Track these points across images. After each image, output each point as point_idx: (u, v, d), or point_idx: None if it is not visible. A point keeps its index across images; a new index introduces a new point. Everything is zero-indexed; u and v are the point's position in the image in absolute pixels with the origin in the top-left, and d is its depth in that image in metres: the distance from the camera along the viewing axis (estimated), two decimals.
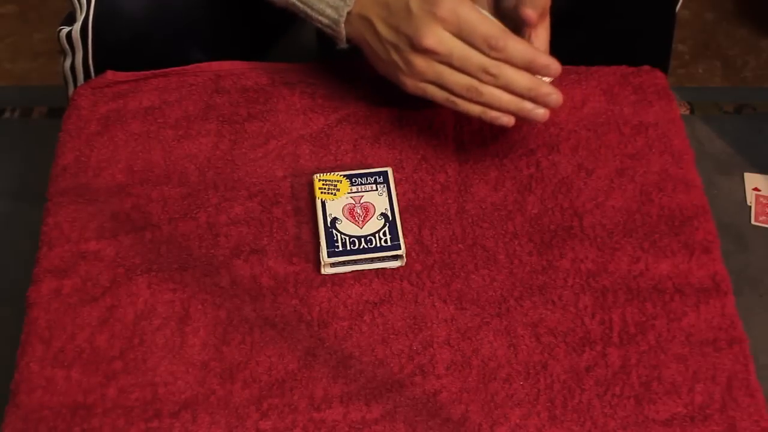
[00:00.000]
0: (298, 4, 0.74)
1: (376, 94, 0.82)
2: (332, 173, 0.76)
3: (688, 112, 1.57)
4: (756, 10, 1.72)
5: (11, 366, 0.67)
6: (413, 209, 0.76)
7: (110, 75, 0.84)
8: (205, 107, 0.82)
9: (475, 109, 0.71)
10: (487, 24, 0.68)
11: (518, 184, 0.78)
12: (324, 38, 0.77)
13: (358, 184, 0.76)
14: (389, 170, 0.76)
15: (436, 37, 0.67)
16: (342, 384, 0.66)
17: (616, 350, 0.68)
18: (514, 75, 0.69)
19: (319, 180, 0.76)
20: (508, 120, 0.71)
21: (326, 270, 0.72)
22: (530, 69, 0.69)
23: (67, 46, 0.87)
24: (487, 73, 0.68)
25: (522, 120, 0.72)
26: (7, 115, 1.52)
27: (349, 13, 0.72)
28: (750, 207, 1.45)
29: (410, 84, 0.71)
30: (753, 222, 1.44)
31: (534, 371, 0.67)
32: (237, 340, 0.68)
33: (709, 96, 1.61)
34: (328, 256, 0.71)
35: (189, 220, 0.75)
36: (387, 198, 0.75)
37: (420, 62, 0.69)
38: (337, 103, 0.82)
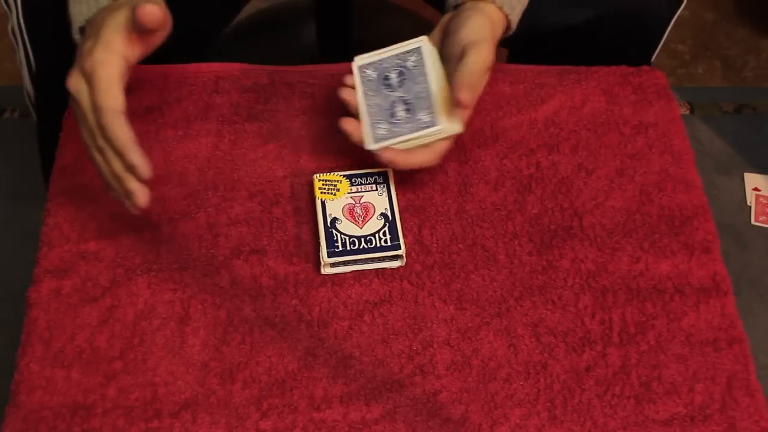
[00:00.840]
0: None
1: None
2: (332, 173, 0.76)
3: (688, 112, 1.57)
4: (756, 10, 1.72)
5: (11, 366, 0.67)
6: (413, 209, 0.76)
7: None
8: (205, 107, 0.82)
9: (96, 159, 0.68)
10: (109, 96, 0.65)
11: (518, 184, 0.78)
12: (324, 39, 0.76)
13: (358, 184, 0.76)
14: (389, 170, 0.76)
15: (74, 82, 0.66)
16: (342, 384, 0.66)
17: (616, 350, 0.68)
18: (113, 156, 0.66)
19: (319, 180, 0.76)
20: (114, 195, 0.68)
21: (326, 270, 0.72)
22: (123, 160, 0.66)
23: (5, 6, 0.86)
24: (93, 140, 0.67)
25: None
26: (7, 115, 1.52)
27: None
28: (750, 207, 1.45)
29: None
30: (753, 222, 1.44)
31: (534, 371, 0.67)
32: (237, 340, 0.68)
33: (709, 96, 1.61)
34: (328, 256, 0.71)
35: (189, 220, 0.75)
36: (387, 198, 0.75)
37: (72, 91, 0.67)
38: (337, 104, 0.82)
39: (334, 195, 0.75)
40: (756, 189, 1.47)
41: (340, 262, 0.72)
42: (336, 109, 0.82)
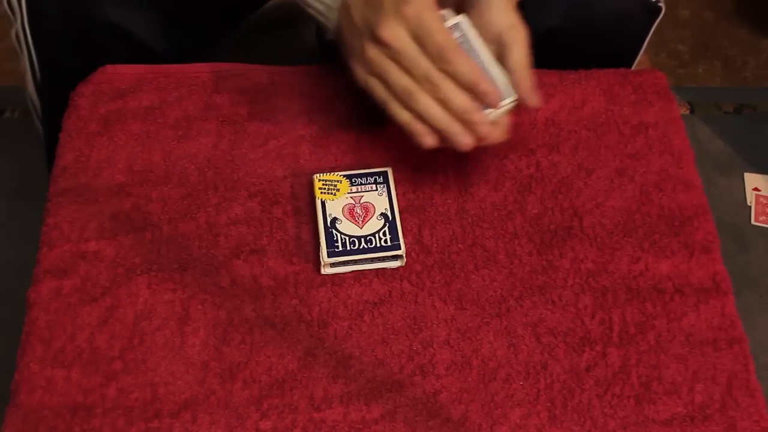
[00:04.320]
0: None
1: None
2: (332, 173, 0.76)
3: (688, 112, 1.57)
4: (756, 10, 1.72)
5: (11, 366, 0.67)
6: (413, 209, 0.76)
7: (109, 69, 0.84)
8: (205, 107, 0.82)
9: (404, 116, 0.69)
10: (443, 35, 0.67)
11: (518, 184, 0.78)
12: (324, 38, 0.76)
13: (358, 184, 0.76)
14: (389, 170, 0.76)
15: (394, 32, 0.67)
16: (342, 384, 0.66)
17: (616, 350, 0.68)
18: (454, 91, 0.68)
19: (319, 180, 0.76)
20: (430, 140, 0.69)
21: (326, 270, 0.72)
22: (471, 91, 0.68)
23: (9, 12, 0.86)
24: (429, 81, 0.67)
25: (446, 143, 0.69)
26: (7, 115, 1.52)
27: (343, 1, 0.71)
28: (750, 207, 1.45)
29: (360, 74, 0.70)
30: (753, 222, 1.44)
31: (534, 371, 0.67)
32: (237, 340, 0.68)
33: (709, 96, 1.61)
34: (328, 256, 0.71)
35: (189, 220, 0.75)
36: (387, 198, 0.75)
37: (372, 52, 0.68)
38: (337, 104, 0.82)
39: (334, 195, 0.75)
40: (756, 189, 1.47)
41: (340, 262, 0.72)
42: (336, 109, 0.82)
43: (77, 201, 0.75)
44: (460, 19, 0.73)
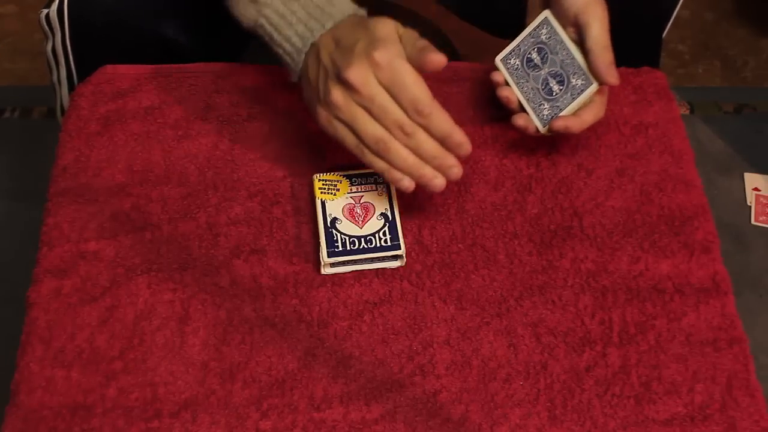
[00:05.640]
0: (266, 25, 0.73)
1: None
2: (332, 173, 0.76)
3: (688, 112, 1.57)
4: (756, 10, 1.72)
5: (11, 366, 0.67)
6: (413, 209, 0.76)
7: (109, 69, 0.84)
8: (205, 107, 0.82)
9: (380, 164, 0.68)
10: (419, 87, 0.66)
11: (518, 184, 0.78)
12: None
13: (358, 184, 0.76)
14: None
15: (363, 77, 0.66)
16: (342, 384, 0.66)
17: (616, 350, 0.68)
18: (426, 139, 0.67)
19: (319, 180, 0.76)
20: (408, 184, 0.68)
21: (326, 270, 0.72)
22: (444, 143, 0.68)
23: (47, 28, 0.87)
24: (402, 130, 0.66)
25: (421, 186, 0.69)
26: (7, 115, 1.52)
27: (312, 44, 0.71)
28: (750, 207, 1.45)
29: (323, 116, 0.69)
30: (753, 222, 1.44)
31: (534, 371, 0.67)
32: (237, 340, 0.68)
33: (709, 96, 1.61)
34: (328, 256, 0.71)
35: (189, 220, 0.75)
36: (387, 198, 0.75)
37: (338, 94, 0.67)
38: None
39: (334, 195, 0.75)
40: (756, 189, 1.47)
41: (340, 262, 0.72)
42: None
43: (77, 201, 0.75)
44: (546, 14, 0.76)
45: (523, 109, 0.77)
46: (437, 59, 0.66)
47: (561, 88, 0.75)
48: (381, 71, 0.65)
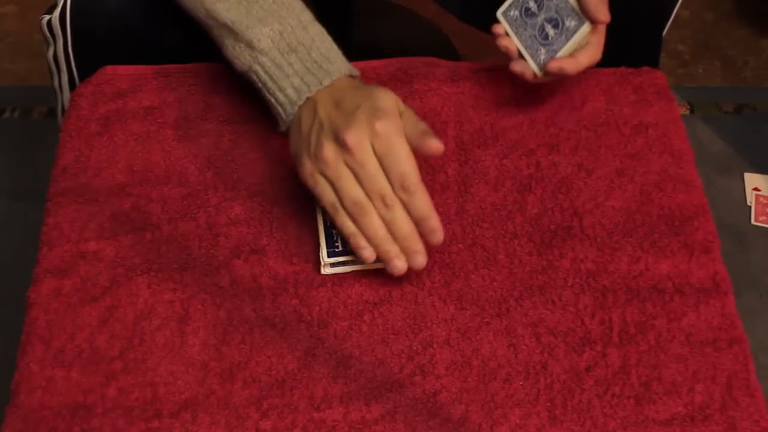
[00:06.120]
0: (261, 72, 0.73)
1: None
2: None
3: (688, 112, 1.57)
4: (756, 10, 1.72)
5: (11, 366, 0.67)
6: None
7: (109, 70, 0.84)
8: (205, 107, 0.82)
9: (349, 227, 0.69)
10: (410, 164, 0.67)
11: (518, 184, 0.78)
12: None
13: None
14: None
15: (360, 141, 0.66)
16: (342, 384, 0.66)
17: (616, 350, 0.68)
18: (403, 217, 0.68)
19: None
20: (369, 255, 0.69)
21: (326, 270, 0.72)
22: (420, 225, 0.68)
23: (48, 35, 0.87)
24: (383, 201, 0.67)
25: (381, 261, 0.69)
26: (7, 115, 1.52)
27: (308, 98, 0.72)
28: (750, 207, 1.45)
29: (308, 168, 0.69)
30: (753, 222, 1.44)
31: (534, 371, 0.67)
32: (237, 340, 0.68)
33: (709, 96, 1.61)
34: (328, 256, 0.71)
35: (189, 220, 0.75)
36: None
37: (330, 151, 0.67)
38: None
39: None
40: (756, 189, 1.47)
41: (339, 261, 0.72)
42: None
43: (77, 201, 0.75)
44: None
45: (522, 58, 0.79)
46: (436, 146, 0.68)
47: (556, 31, 0.77)
48: (378, 140, 0.67)
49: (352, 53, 0.76)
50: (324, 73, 0.71)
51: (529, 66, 0.79)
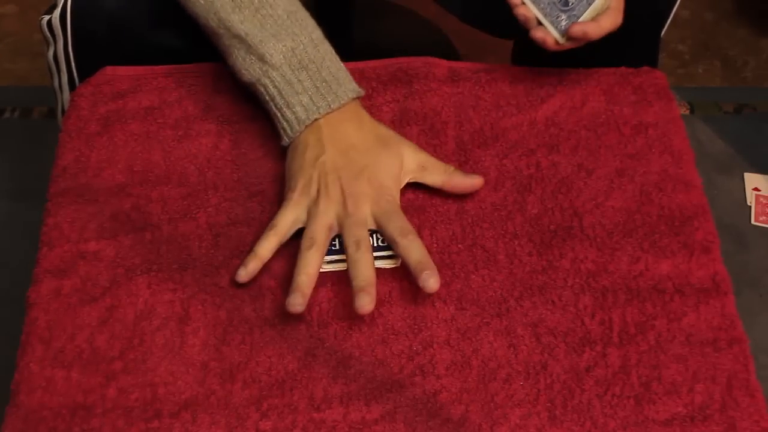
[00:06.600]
0: (270, 86, 0.74)
1: (375, 95, 0.82)
2: None
3: (688, 112, 1.57)
4: (756, 10, 1.72)
5: (11, 366, 0.67)
6: (413, 209, 0.76)
7: (109, 70, 0.84)
8: (205, 107, 0.82)
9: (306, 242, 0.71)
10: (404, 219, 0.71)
11: (518, 184, 0.78)
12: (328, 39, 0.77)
13: None
14: None
15: (361, 205, 0.71)
16: (342, 384, 0.66)
17: (616, 350, 0.68)
18: (368, 264, 0.69)
19: None
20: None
21: (324, 267, 0.72)
22: (363, 288, 0.68)
23: (48, 35, 0.87)
24: (357, 245, 0.69)
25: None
26: (7, 115, 1.52)
27: (315, 119, 0.73)
28: (750, 207, 1.45)
29: (295, 198, 0.72)
30: (753, 222, 1.44)
31: (534, 371, 0.67)
32: (237, 340, 0.68)
33: (709, 96, 1.61)
34: (327, 254, 0.71)
35: (189, 220, 0.75)
36: None
37: (330, 209, 0.71)
38: None
39: None
40: (756, 189, 1.47)
41: (336, 260, 0.72)
42: None
43: (77, 201, 0.75)
44: None
45: (541, 26, 0.79)
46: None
47: None
48: (376, 209, 0.71)
49: (352, 53, 0.76)
50: (333, 96, 0.73)
51: (550, 33, 0.78)
